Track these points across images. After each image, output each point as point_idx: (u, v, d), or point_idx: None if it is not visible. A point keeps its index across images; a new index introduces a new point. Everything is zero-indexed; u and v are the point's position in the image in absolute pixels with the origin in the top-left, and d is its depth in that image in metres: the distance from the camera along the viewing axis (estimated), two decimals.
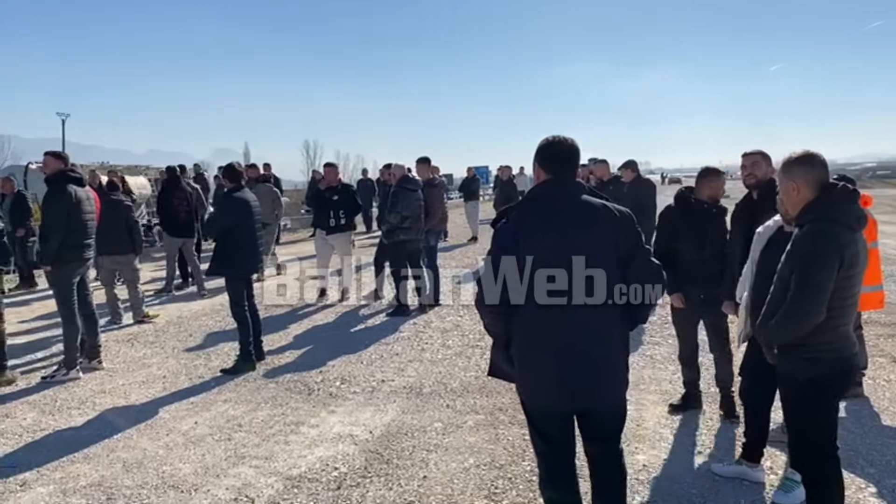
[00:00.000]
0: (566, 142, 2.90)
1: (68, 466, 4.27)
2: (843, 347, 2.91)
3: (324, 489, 3.89)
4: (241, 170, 6.59)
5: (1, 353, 6.03)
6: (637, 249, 2.83)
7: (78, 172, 6.23)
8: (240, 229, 6.24)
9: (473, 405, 5.20)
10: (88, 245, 6.16)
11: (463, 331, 7.54)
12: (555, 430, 2.92)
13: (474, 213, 16.69)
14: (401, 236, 8.26)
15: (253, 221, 6.37)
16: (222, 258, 6.25)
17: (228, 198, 6.34)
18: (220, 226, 6.31)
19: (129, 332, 7.85)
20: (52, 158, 6.11)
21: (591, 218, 2.79)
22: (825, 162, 2.96)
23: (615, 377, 2.86)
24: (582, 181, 3.00)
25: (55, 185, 6.01)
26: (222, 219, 6.30)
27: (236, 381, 5.93)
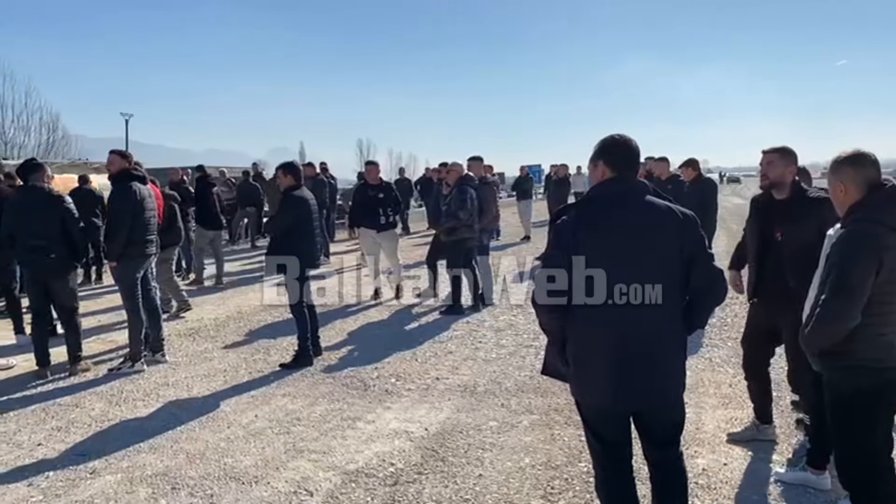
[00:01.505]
0: (631, 141, 2.89)
1: (135, 456, 4.41)
2: (888, 358, 2.80)
3: (381, 485, 3.94)
4: (300, 169, 6.74)
5: (77, 342, 6.27)
6: (700, 253, 2.79)
7: (140, 170, 6.42)
8: (300, 226, 6.40)
9: (528, 405, 5.19)
10: (151, 241, 6.35)
11: (517, 330, 7.52)
12: (611, 431, 2.90)
13: (527, 211, 16.61)
14: (457, 234, 8.28)
15: (312, 219, 6.51)
16: (282, 252, 6.40)
17: (289, 196, 6.48)
18: (278, 225, 6.47)
19: (190, 326, 8.06)
20: (118, 157, 6.33)
21: (655, 219, 2.76)
22: (876, 161, 2.87)
23: (672, 377, 2.83)
24: (645, 181, 2.98)
25: (120, 183, 6.23)
26: (283, 216, 6.44)
27: (294, 376, 6.04)
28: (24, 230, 6.04)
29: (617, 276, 2.71)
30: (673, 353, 2.82)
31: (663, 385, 2.80)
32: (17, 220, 6.07)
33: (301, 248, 6.38)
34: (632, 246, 2.72)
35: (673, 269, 2.75)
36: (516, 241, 15.67)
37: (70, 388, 5.84)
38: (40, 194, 6.13)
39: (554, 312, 2.82)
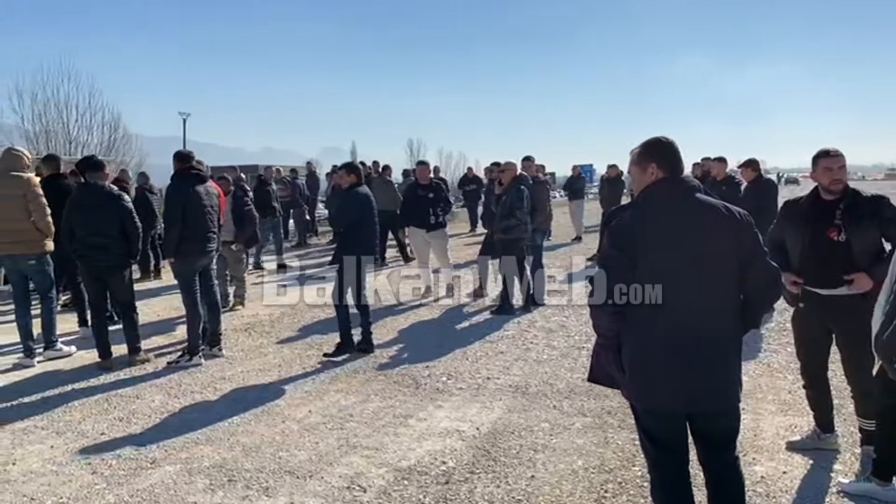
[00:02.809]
0: (675, 142, 2.89)
1: (193, 448, 4.52)
2: None
3: (433, 482, 3.95)
4: (361, 168, 6.93)
5: (135, 335, 6.47)
6: (756, 252, 2.77)
7: (198, 168, 6.56)
8: (362, 223, 6.64)
9: (581, 407, 5.14)
10: (210, 238, 6.48)
11: (568, 332, 7.46)
12: (669, 434, 2.86)
13: (578, 212, 16.46)
14: (511, 234, 8.26)
15: (373, 215, 6.75)
16: (344, 249, 6.65)
17: (353, 193, 6.72)
18: (345, 219, 6.75)
19: (246, 321, 8.22)
20: (176, 160, 6.57)
21: (712, 218, 2.74)
22: None
23: (731, 378, 2.80)
24: (696, 181, 2.96)
25: (175, 181, 6.45)
26: (348, 213, 6.73)
27: (347, 372, 6.11)
28: (84, 227, 6.22)
29: (676, 275, 2.70)
30: (731, 354, 2.80)
31: (723, 386, 2.78)
32: (77, 216, 6.26)
33: (363, 243, 6.66)
34: (690, 245, 2.70)
35: (730, 268, 2.73)
36: (567, 241, 15.54)
37: (131, 379, 6.01)
38: (100, 192, 6.31)
39: (612, 314, 2.79)
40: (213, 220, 6.56)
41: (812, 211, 3.99)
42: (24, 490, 3.92)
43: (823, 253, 3.88)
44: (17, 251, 6.53)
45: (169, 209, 6.38)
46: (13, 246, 6.50)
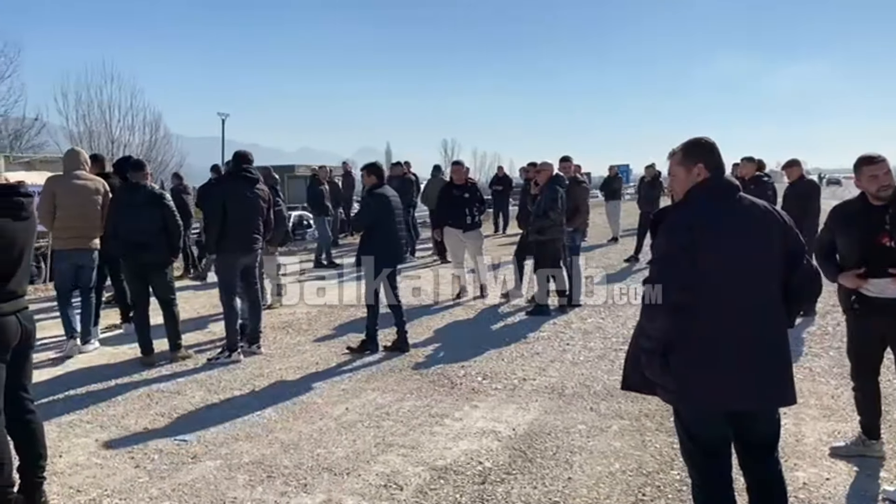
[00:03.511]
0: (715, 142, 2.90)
1: (232, 443, 4.59)
2: None
3: (469, 482, 3.96)
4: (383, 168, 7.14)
5: (176, 331, 6.59)
6: (798, 252, 2.80)
7: (250, 170, 6.66)
8: (383, 223, 6.67)
9: (618, 409, 5.11)
10: (254, 238, 6.58)
11: (605, 333, 7.41)
12: (713, 436, 2.84)
13: (615, 212, 16.33)
14: (546, 235, 8.23)
15: (394, 216, 6.78)
16: (366, 251, 6.72)
17: (372, 195, 6.77)
18: (364, 221, 6.85)
19: (284, 319, 8.31)
20: (233, 160, 6.81)
21: (759, 218, 2.77)
22: None
23: (782, 379, 2.78)
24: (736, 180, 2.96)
25: (221, 180, 6.52)
26: (366, 215, 6.82)
27: (383, 371, 6.14)
28: (126, 226, 6.36)
29: (725, 275, 2.71)
30: (782, 354, 2.80)
31: (775, 386, 2.76)
32: (120, 215, 6.40)
33: (383, 245, 6.68)
34: (738, 245, 2.72)
35: (775, 267, 2.77)
36: (603, 242, 15.43)
37: (172, 375, 6.12)
38: (143, 192, 6.44)
39: (670, 314, 2.79)
40: (258, 221, 6.63)
41: (861, 217, 3.92)
42: (70, 482, 4.02)
43: (874, 259, 3.81)
44: (80, 246, 6.79)
45: (210, 208, 6.50)
46: (76, 241, 6.77)
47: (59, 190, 6.74)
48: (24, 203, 3.50)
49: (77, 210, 6.72)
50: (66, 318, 6.84)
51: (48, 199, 6.71)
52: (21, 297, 3.53)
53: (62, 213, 6.68)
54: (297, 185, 23.82)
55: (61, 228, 6.76)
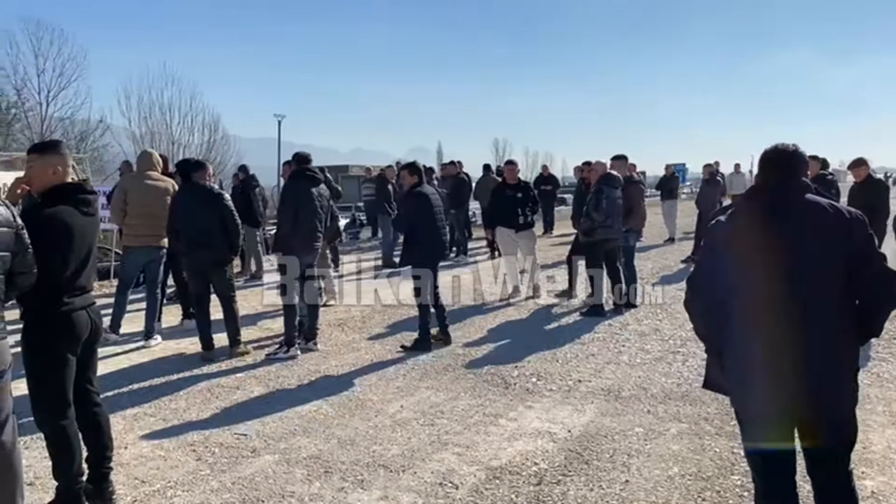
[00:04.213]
0: (787, 147, 2.81)
1: (290, 438, 4.66)
2: None
3: (525, 483, 3.94)
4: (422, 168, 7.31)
5: (236, 327, 6.72)
6: (869, 255, 2.65)
7: (313, 171, 6.79)
8: (425, 223, 6.78)
9: (676, 413, 5.02)
10: (317, 237, 6.69)
11: (662, 335, 7.29)
12: (773, 442, 2.75)
13: (672, 212, 16.05)
14: (599, 235, 8.15)
15: (434, 215, 6.85)
16: (409, 250, 6.89)
17: (412, 194, 6.92)
18: (404, 222, 7.00)
19: (339, 317, 8.41)
20: (294, 161, 6.99)
21: (817, 218, 2.66)
22: None
23: (842, 387, 2.66)
24: (807, 181, 2.86)
25: (289, 181, 6.75)
26: (407, 216, 6.98)
27: (437, 370, 6.16)
28: (188, 225, 6.52)
29: (778, 276, 2.62)
30: (842, 360, 2.66)
31: (833, 392, 2.65)
32: (181, 215, 6.58)
33: (426, 244, 6.79)
34: (791, 246, 2.62)
35: (837, 270, 2.62)
36: (660, 242, 15.17)
37: (232, 370, 6.25)
38: (203, 192, 6.60)
39: (709, 316, 2.74)
40: (321, 220, 6.76)
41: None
42: (135, 473, 4.14)
43: None
44: (149, 243, 7.05)
45: (283, 206, 6.65)
46: (145, 238, 7.03)
47: (131, 189, 7.01)
48: (90, 199, 3.61)
49: (147, 209, 6.96)
50: (118, 311, 7.11)
51: (120, 198, 7.00)
52: (89, 293, 3.65)
53: (133, 211, 6.96)
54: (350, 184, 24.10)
55: (131, 226, 7.04)
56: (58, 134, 29.37)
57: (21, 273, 3.13)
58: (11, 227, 3.05)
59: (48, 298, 3.38)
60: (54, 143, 3.83)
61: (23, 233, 3.12)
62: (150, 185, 7.07)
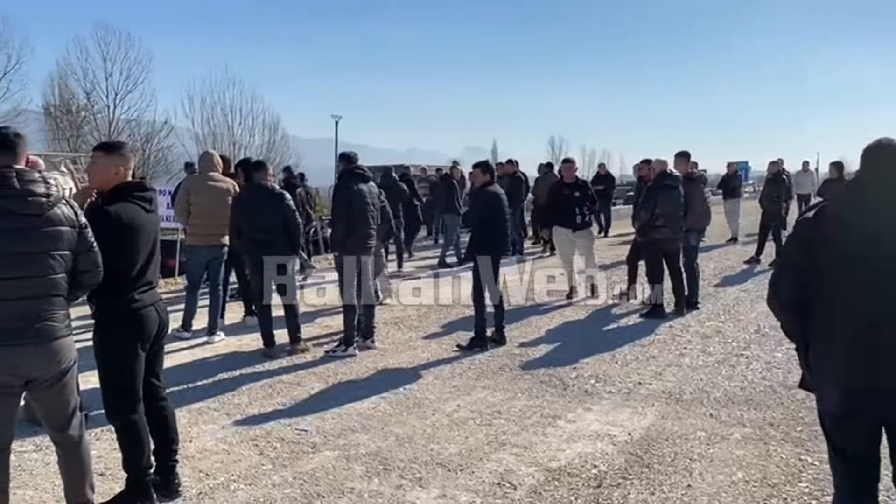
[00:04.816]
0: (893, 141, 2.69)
1: (349, 435, 4.71)
2: None
3: (584, 485, 3.90)
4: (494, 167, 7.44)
5: (296, 324, 6.84)
6: None
7: (362, 169, 6.86)
8: (492, 220, 6.85)
9: (740, 417, 4.90)
10: (370, 234, 6.76)
11: (725, 337, 7.12)
12: (851, 445, 2.66)
13: (734, 211, 15.66)
14: (655, 235, 8.01)
15: (503, 213, 6.97)
16: (475, 248, 6.93)
17: (483, 192, 6.98)
18: (477, 217, 7.02)
19: (395, 315, 8.47)
20: (341, 160, 7.02)
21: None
22: None
23: None
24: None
25: (340, 180, 6.78)
26: (477, 212, 7.06)
27: (493, 370, 6.15)
28: (250, 224, 6.66)
29: (861, 272, 2.54)
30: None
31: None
32: (244, 214, 6.72)
33: (492, 242, 6.86)
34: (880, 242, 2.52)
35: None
36: (721, 242, 14.84)
37: (292, 367, 6.35)
38: (264, 191, 6.73)
39: (793, 312, 2.69)
40: (374, 218, 6.83)
41: None
42: (199, 466, 4.24)
43: None
44: (211, 242, 7.23)
45: (336, 207, 6.74)
46: (208, 237, 7.22)
47: (194, 190, 7.21)
48: (150, 197, 3.70)
49: (209, 209, 7.15)
50: (189, 309, 7.31)
51: (184, 198, 7.20)
52: (155, 288, 3.74)
53: (196, 210, 7.16)
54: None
55: (195, 225, 7.26)
56: (124, 135, 30.30)
57: (86, 271, 3.20)
58: (74, 226, 3.11)
59: (117, 295, 3.47)
60: (119, 144, 3.92)
61: (86, 231, 3.18)
62: (212, 185, 7.26)
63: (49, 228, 3.01)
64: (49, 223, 3.01)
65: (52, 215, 3.02)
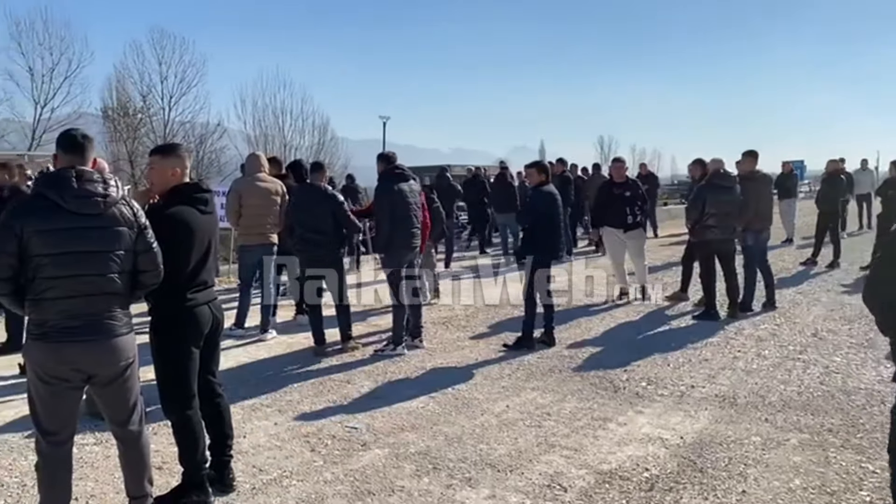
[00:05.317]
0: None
1: (399, 433, 4.74)
2: None
3: (636, 489, 3.85)
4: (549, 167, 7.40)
5: (347, 324, 6.92)
6: None
7: (401, 168, 6.89)
8: (546, 219, 6.84)
9: (797, 422, 4.78)
10: (414, 234, 6.79)
11: (780, 340, 6.95)
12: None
13: (790, 212, 15.27)
14: (707, 235, 7.86)
15: (557, 213, 6.98)
16: (528, 247, 6.97)
17: (538, 191, 6.97)
18: (532, 216, 7.00)
19: (443, 315, 8.49)
20: (379, 161, 7.02)
21: None
22: None
23: None
24: None
25: (381, 181, 6.83)
26: (531, 211, 7.05)
27: (542, 371, 6.12)
28: (303, 224, 6.75)
29: None
30: None
31: None
32: (297, 214, 6.82)
33: (545, 242, 6.84)
34: None
35: None
36: (777, 243, 14.47)
37: (342, 365, 6.43)
38: (318, 192, 6.81)
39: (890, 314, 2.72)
40: (417, 217, 6.86)
41: None
42: (253, 461, 4.32)
43: None
44: (262, 241, 7.42)
45: (378, 207, 6.78)
46: (259, 237, 7.41)
47: (245, 191, 7.36)
48: (207, 198, 3.77)
49: (259, 209, 7.33)
50: (242, 307, 7.48)
51: (235, 199, 7.35)
52: (211, 288, 3.81)
53: (247, 211, 7.31)
54: None
55: (246, 226, 7.40)
56: (179, 137, 31.00)
57: (146, 271, 3.27)
58: (133, 226, 3.18)
59: (172, 295, 3.55)
60: (174, 146, 3.98)
61: (147, 232, 3.25)
62: (261, 186, 7.43)
63: (107, 228, 3.09)
64: (107, 223, 3.09)
65: (110, 215, 3.10)
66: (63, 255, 2.99)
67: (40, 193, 3.04)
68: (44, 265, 2.97)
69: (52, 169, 3.32)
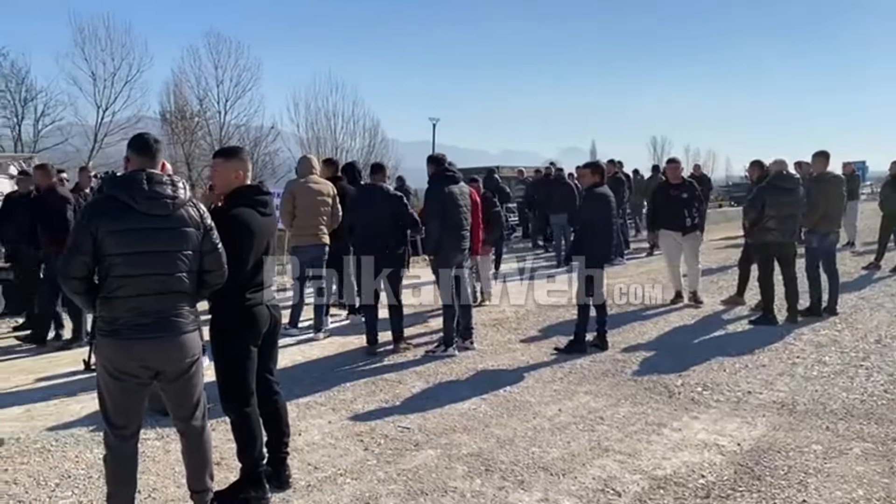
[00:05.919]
0: None
1: (451, 434, 4.76)
2: None
3: (691, 495, 3.80)
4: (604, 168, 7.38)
5: (399, 324, 6.96)
6: None
7: (451, 170, 6.92)
8: (599, 221, 6.82)
9: (860, 431, 4.64)
10: (463, 235, 6.81)
11: (841, 347, 6.75)
12: None
13: (851, 214, 14.75)
14: (767, 237, 7.69)
15: (610, 214, 6.93)
16: (578, 249, 6.95)
17: (592, 193, 6.94)
18: (585, 217, 7.00)
19: (493, 317, 8.50)
20: (429, 163, 7.06)
21: None
22: None
23: None
24: None
25: (431, 182, 6.89)
26: (584, 212, 7.04)
27: (595, 375, 6.07)
28: (362, 224, 6.85)
29: None
30: None
31: None
32: (357, 214, 6.93)
33: (597, 244, 6.81)
34: None
35: None
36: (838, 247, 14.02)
37: (394, 365, 6.48)
38: (379, 192, 6.89)
39: None
40: (467, 219, 6.88)
41: None
42: (308, 458, 4.39)
43: None
44: (314, 242, 7.55)
45: (429, 208, 6.81)
46: (311, 237, 7.55)
47: (298, 192, 7.50)
48: (266, 200, 3.85)
49: (311, 210, 7.48)
50: (296, 307, 7.63)
51: (289, 201, 7.50)
52: (269, 287, 3.90)
53: (300, 212, 7.47)
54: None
55: (299, 227, 7.55)
56: (234, 139, 31.64)
57: (211, 271, 3.36)
58: (200, 227, 3.28)
59: (232, 294, 3.63)
60: (237, 150, 4.06)
61: (212, 233, 3.34)
62: (313, 187, 7.58)
63: (175, 229, 3.19)
64: (176, 224, 3.19)
65: (178, 216, 3.20)
66: (134, 254, 3.09)
67: (112, 195, 3.15)
68: (116, 264, 3.08)
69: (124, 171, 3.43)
